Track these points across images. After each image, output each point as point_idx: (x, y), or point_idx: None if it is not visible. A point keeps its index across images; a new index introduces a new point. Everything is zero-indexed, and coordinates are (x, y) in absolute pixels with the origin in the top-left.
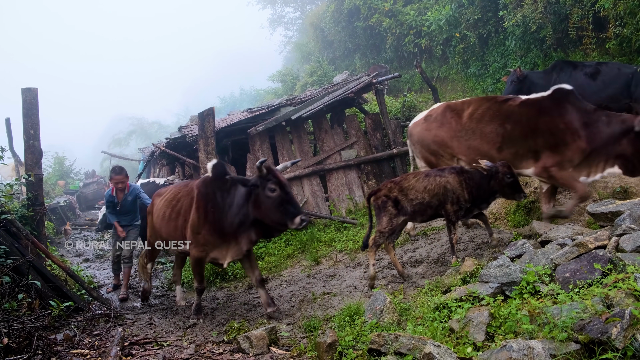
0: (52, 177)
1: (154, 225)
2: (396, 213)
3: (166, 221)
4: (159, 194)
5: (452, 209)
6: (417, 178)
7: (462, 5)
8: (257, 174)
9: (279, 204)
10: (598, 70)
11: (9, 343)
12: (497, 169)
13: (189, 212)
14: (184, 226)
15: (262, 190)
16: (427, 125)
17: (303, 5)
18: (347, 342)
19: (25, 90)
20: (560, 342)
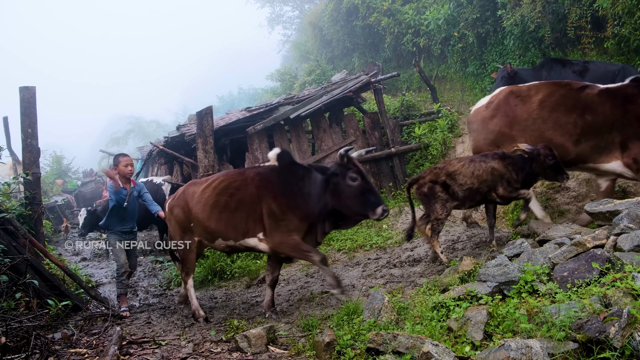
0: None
1: (196, 219)
2: (447, 198)
3: (221, 213)
4: (195, 184)
5: (506, 192)
6: (462, 163)
7: (460, 5)
8: (338, 163)
9: (361, 194)
10: (586, 68)
11: (7, 342)
12: (538, 151)
13: (256, 203)
14: (252, 218)
15: (343, 180)
16: (489, 113)
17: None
18: (345, 341)
19: (23, 88)
20: (559, 341)
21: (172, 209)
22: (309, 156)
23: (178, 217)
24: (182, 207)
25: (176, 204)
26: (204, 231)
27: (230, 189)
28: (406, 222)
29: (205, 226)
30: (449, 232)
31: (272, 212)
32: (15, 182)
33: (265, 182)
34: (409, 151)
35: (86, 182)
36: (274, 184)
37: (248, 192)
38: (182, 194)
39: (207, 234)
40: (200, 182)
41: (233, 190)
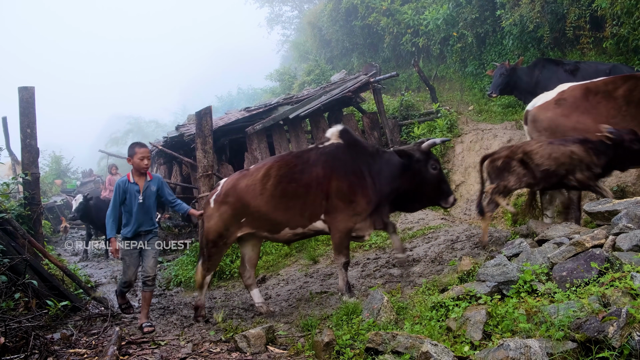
0: (49, 176)
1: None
2: (525, 173)
3: (289, 201)
4: (245, 176)
5: (584, 176)
6: (540, 145)
7: (459, 5)
8: (421, 150)
9: (438, 182)
10: (577, 67)
11: (6, 342)
12: (622, 136)
13: (324, 183)
14: (318, 200)
15: (424, 166)
16: (564, 111)
17: (301, 4)
18: (344, 341)
19: (22, 89)
20: (557, 340)
21: (218, 206)
22: None
23: (226, 214)
24: (233, 203)
25: (224, 200)
26: (266, 223)
27: (294, 174)
28: (405, 222)
29: (270, 218)
30: (448, 232)
31: (340, 192)
32: (14, 182)
33: (333, 161)
34: None
35: (85, 182)
36: (343, 162)
37: (314, 173)
38: (232, 189)
39: (272, 225)
40: (251, 174)
41: (297, 175)
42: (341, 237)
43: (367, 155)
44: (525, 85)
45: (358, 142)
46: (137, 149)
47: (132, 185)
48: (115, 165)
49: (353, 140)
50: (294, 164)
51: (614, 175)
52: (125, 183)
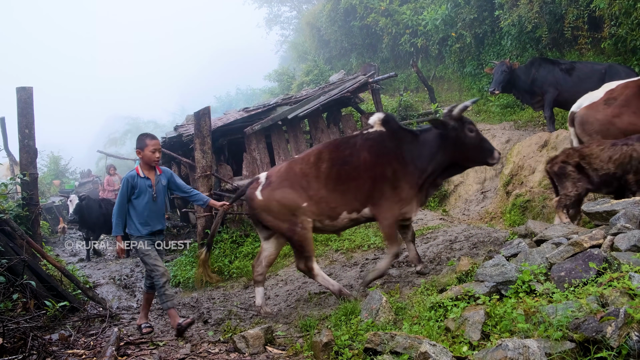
0: (47, 176)
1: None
2: (579, 178)
3: (345, 184)
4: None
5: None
6: (602, 147)
7: (458, 5)
8: (454, 117)
9: (479, 142)
10: (573, 67)
11: (4, 343)
12: None
13: (370, 169)
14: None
15: (462, 132)
16: (615, 111)
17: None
18: (343, 341)
19: (20, 89)
20: (556, 340)
21: (272, 195)
22: None
23: (283, 202)
24: (288, 191)
25: (278, 188)
26: (325, 208)
27: (346, 157)
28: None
29: (328, 202)
30: (447, 232)
31: (385, 179)
32: (12, 182)
33: (377, 147)
34: None
35: (84, 183)
36: (386, 148)
37: (362, 158)
38: (286, 176)
39: (330, 210)
40: (303, 160)
41: (349, 158)
42: (389, 224)
43: (407, 141)
44: (522, 84)
45: (399, 129)
46: (147, 141)
47: (143, 180)
48: (113, 166)
49: (395, 127)
50: (343, 148)
51: None
52: (135, 178)
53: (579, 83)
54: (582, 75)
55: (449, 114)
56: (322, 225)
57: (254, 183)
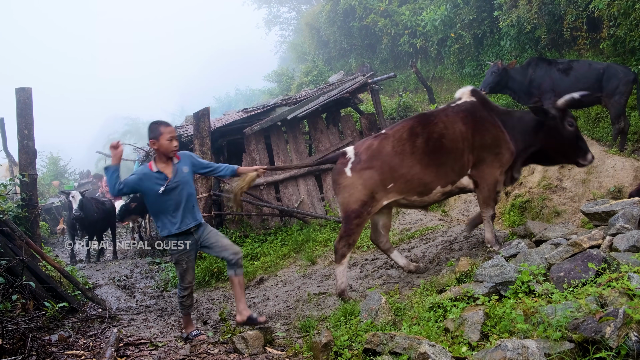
0: (47, 177)
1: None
2: None
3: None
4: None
5: None
6: None
7: (457, 6)
8: (557, 107)
9: (575, 139)
10: (570, 67)
11: (3, 344)
12: None
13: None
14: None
15: (561, 123)
16: None
17: (298, 5)
18: (342, 342)
19: (19, 90)
20: (555, 341)
21: (360, 173)
22: (305, 157)
23: (372, 180)
24: (379, 167)
25: (366, 166)
26: (417, 185)
27: (440, 130)
28: (403, 222)
29: (421, 178)
30: (446, 232)
31: (485, 145)
32: (11, 183)
33: (472, 116)
34: None
35: (83, 184)
36: (481, 116)
37: (457, 129)
38: (377, 154)
39: (422, 186)
40: (391, 135)
41: (443, 131)
42: (489, 189)
43: (501, 112)
44: (519, 84)
45: (489, 101)
46: (162, 128)
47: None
48: None
49: (484, 98)
50: (435, 121)
51: (611, 177)
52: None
53: (576, 83)
54: (579, 75)
55: (553, 103)
56: (407, 202)
57: (342, 157)
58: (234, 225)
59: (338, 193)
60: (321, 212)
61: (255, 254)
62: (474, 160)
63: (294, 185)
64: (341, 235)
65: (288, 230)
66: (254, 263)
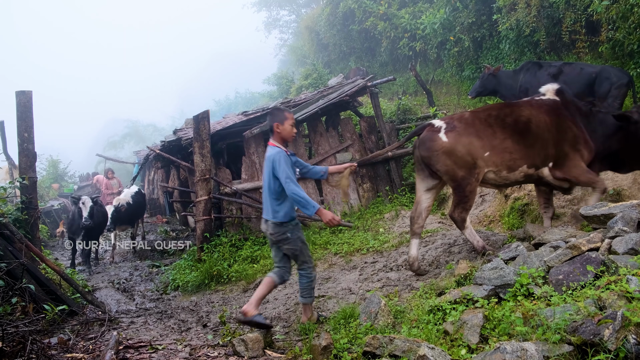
0: (46, 180)
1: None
2: None
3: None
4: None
5: None
6: None
7: (456, 9)
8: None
9: None
10: (561, 71)
11: (3, 347)
12: None
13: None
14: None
15: None
16: None
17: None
18: (342, 344)
19: (19, 93)
20: (554, 343)
21: (455, 147)
22: (305, 160)
23: (469, 148)
24: (475, 138)
25: (463, 132)
26: (507, 159)
27: (528, 116)
28: (403, 226)
29: (512, 153)
30: (445, 235)
31: (567, 141)
32: (11, 186)
33: (555, 111)
34: (405, 155)
35: (83, 187)
36: (564, 114)
37: (542, 119)
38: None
39: (511, 161)
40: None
41: (531, 117)
42: (582, 173)
43: (582, 113)
44: (509, 89)
45: (574, 100)
46: (287, 114)
47: (291, 157)
48: (111, 170)
49: (569, 98)
50: (522, 107)
51: (610, 179)
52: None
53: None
54: (568, 79)
55: (637, 109)
56: (496, 177)
57: (430, 127)
58: (233, 228)
59: (436, 161)
60: None
61: (255, 256)
62: (556, 156)
63: None
64: (455, 204)
65: None
66: (253, 266)
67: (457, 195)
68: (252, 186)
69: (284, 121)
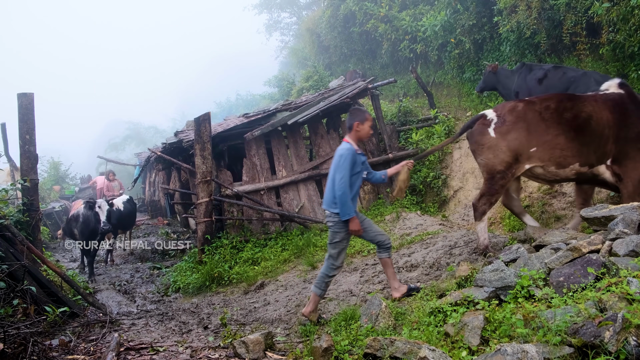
0: (48, 182)
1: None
2: None
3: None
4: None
5: None
6: None
7: (457, 11)
8: None
9: None
10: (545, 75)
11: (5, 348)
12: None
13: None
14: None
15: None
16: None
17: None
18: (342, 346)
19: (21, 95)
20: (554, 345)
21: (504, 137)
22: (306, 162)
23: (513, 145)
24: (523, 133)
25: (511, 128)
26: (557, 156)
27: (588, 111)
28: (403, 227)
29: (563, 150)
30: (446, 237)
31: (630, 139)
32: (13, 188)
33: (620, 107)
34: (406, 157)
35: (84, 189)
36: (628, 110)
37: (603, 116)
38: (523, 116)
39: (562, 158)
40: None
41: (592, 114)
42: (635, 184)
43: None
44: (507, 89)
45: (637, 94)
46: (367, 115)
47: (360, 157)
48: (112, 172)
49: (632, 91)
50: (584, 102)
51: None
52: (354, 153)
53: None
54: (549, 83)
55: None
56: (544, 172)
57: (482, 119)
58: (234, 230)
59: (480, 153)
60: (322, 217)
61: (256, 258)
62: (616, 153)
63: (295, 190)
64: (482, 193)
65: (288, 235)
66: (254, 268)
67: (487, 187)
68: (253, 188)
69: (364, 122)
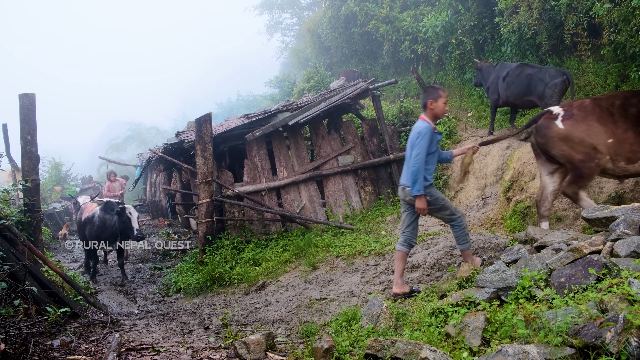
0: (49, 182)
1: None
2: None
3: None
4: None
5: None
6: None
7: (458, 12)
8: None
9: None
10: (508, 73)
11: (6, 349)
12: None
13: None
14: None
15: None
16: None
17: (300, 12)
18: (344, 347)
19: (22, 96)
20: (555, 346)
21: (571, 133)
22: (307, 162)
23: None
24: (595, 125)
25: (581, 120)
26: (627, 150)
27: None
28: None
29: (632, 144)
30: (447, 238)
31: None
32: (14, 188)
33: None
34: None
35: (85, 189)
36: None
37: None
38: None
39: (632, 152)
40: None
41: None
42: None
43: None
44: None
45: None
46: (441, 92)
47: (437, 135)
48: (114, 172)
49: None
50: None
51: (612, 182)
52: (432, 131)
53: (507, 88)
54: (510, 80)
55: None
56: (612, 166)
57: (548, 114)
58: (235, 231)
59: (552, 146)
60: (322, 218)
61: (257, 259)
62: None
63: (296, 191)
64: (570, 181)
65: (289, 235)
66: (255, 268)
67: (574, 174)
68: (254, 189)
69: (438, 99)
